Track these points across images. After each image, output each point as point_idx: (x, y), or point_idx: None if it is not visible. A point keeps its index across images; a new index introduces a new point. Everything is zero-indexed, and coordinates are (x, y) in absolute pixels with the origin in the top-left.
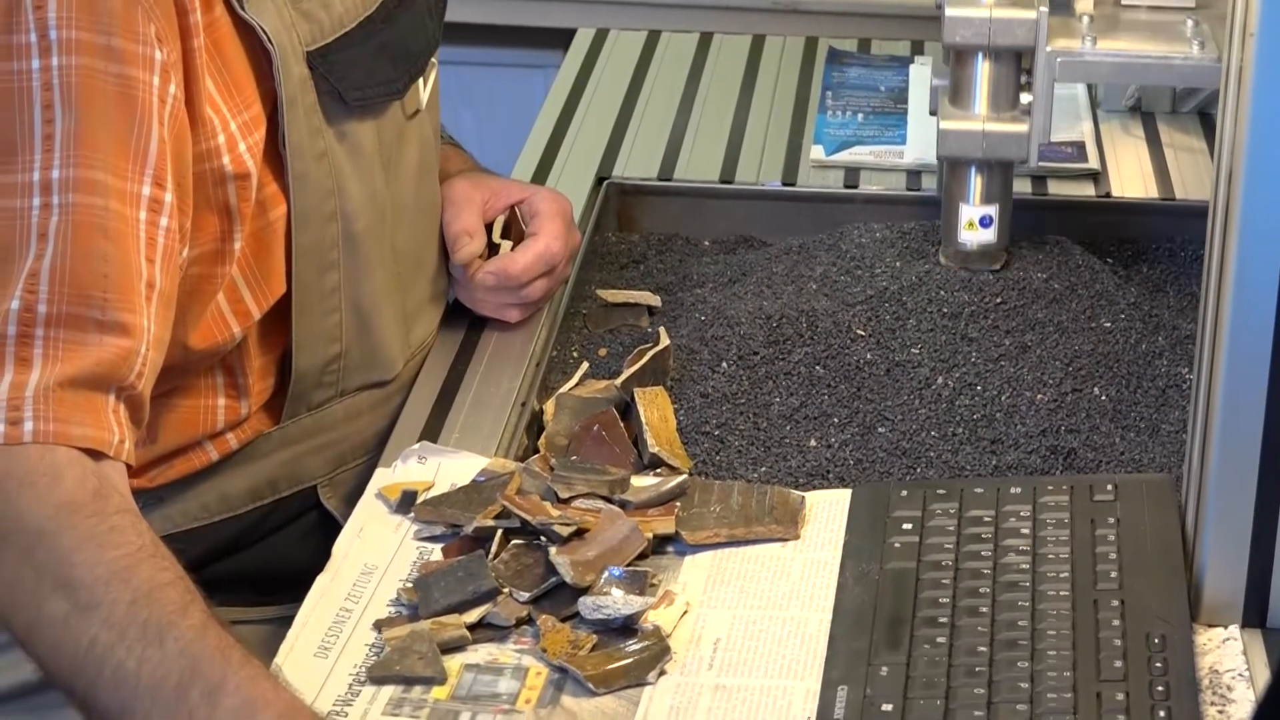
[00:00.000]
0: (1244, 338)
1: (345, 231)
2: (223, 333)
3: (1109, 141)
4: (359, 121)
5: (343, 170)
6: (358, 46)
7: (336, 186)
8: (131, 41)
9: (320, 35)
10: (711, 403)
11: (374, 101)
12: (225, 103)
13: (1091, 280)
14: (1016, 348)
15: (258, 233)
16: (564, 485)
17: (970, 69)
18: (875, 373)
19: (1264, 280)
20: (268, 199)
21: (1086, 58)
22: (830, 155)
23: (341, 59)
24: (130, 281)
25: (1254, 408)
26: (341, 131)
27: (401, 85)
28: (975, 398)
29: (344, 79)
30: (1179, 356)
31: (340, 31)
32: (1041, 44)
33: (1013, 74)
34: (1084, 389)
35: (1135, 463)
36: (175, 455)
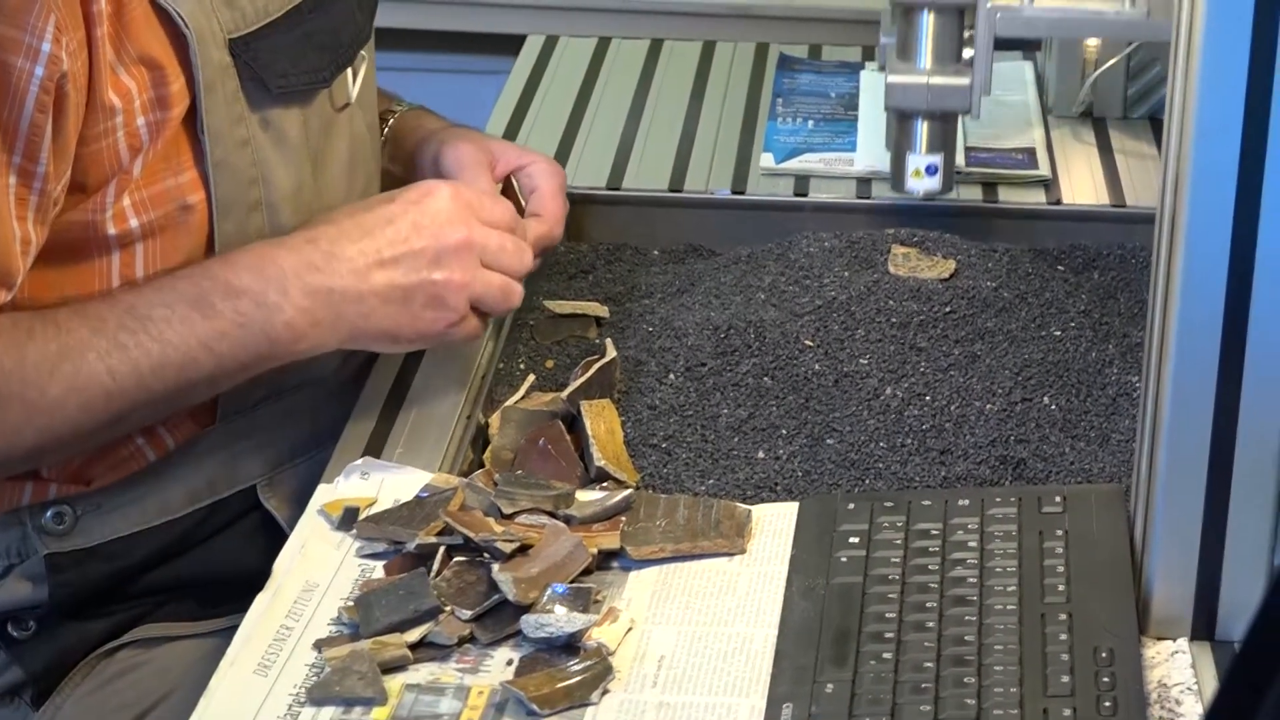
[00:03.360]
0: (1190, 346)
1: (271, 222)
2: None
3: (1060, 148)
4: (284, 110)
5: (267, 159)
6: (283, 34)
7: (260, 175)
8: (17, 31)
9: (244, 22)
10: (659, 415)
11: (299, 90)
12: (136, 85)
13: (1041, 288)
14: (966, 357)
15: (173, 220)
16: (507, 501)
17: (916, 25)
18: (824, 383)
19: (1210, 288)
20: (185, 185)
21: (1025, 14)
22: (780, 163)
23: (265, 46)
24: None
25: (1201, 417)
26: (265, 119)
27: (328, 74)
28: (924, 408)
29: (267, 67)
30: (1129, 365)
31: (265, 19)
32: (983, 1)
33: (956, 30)
34: (1034, 398)
35: (1085, 473)
36: (110, 456)
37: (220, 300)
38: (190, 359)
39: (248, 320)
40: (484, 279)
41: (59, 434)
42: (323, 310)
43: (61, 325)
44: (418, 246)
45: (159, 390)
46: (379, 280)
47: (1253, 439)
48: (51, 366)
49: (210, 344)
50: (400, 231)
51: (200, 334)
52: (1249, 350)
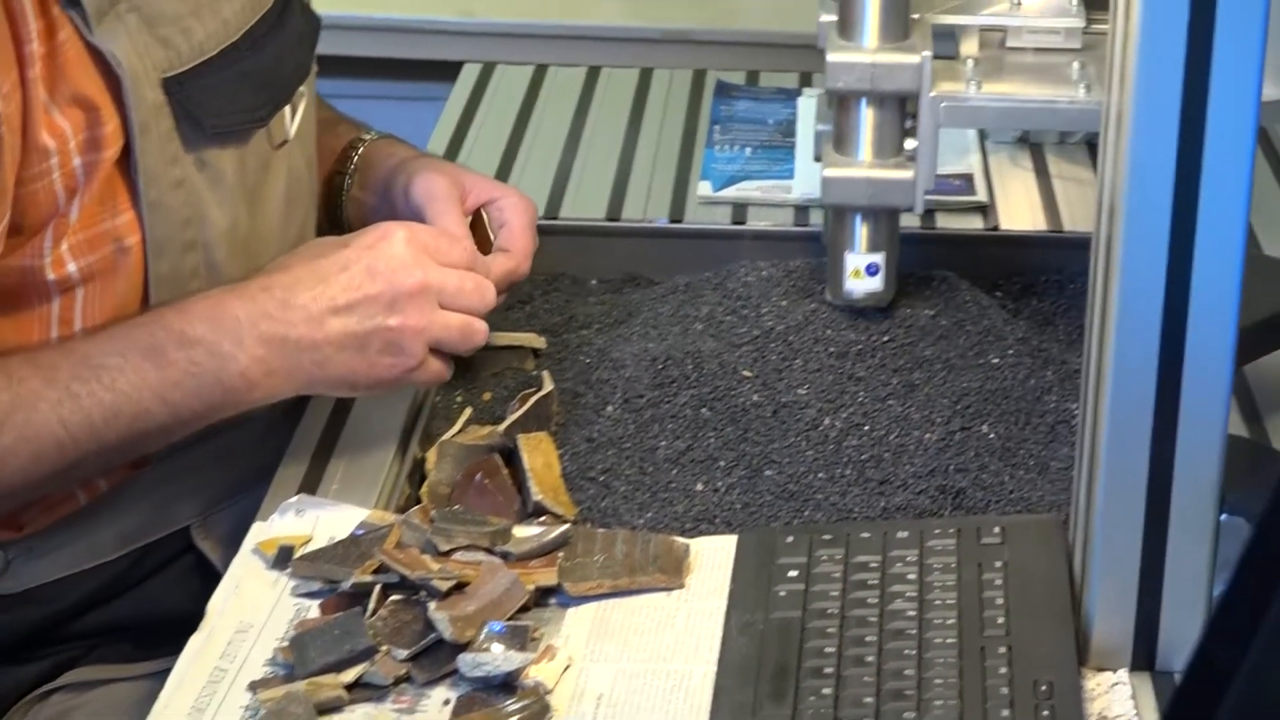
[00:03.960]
0: (1127, 373)
1: (207, 262)
2: None
3: (997, 173)
4: (220, 149)
5: (203, 199)
6: (218, 73)
7: (196, 215)
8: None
9: (178, 61)
10: (597, 447)
11: (235, 129)
12: (70, 126)
13: (979, 316)
14: (904, 386)
15: (110, 263)
16: (444, 537)
17: (853, 115)
18: (762, 414)
19: (1146, 314)
20: (122, 227)
21: (971, 102)
22: (718, 191)
23: (200, 86)
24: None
25: (1138, 445)
26: (201, 159)
27: (265, 114)
28: (863, 438)
29: (202, 106)
30: (1068, 392)
31: (200, 59)
32: (925, 89)
33: (897, 119)
34: (972, 427)
35: (1025, 501)
36: (42, 500)
37: (174, 350)
38: (143, 409)
39: (201, 370)
40: (442, 321)
41: (9, 483)
42: (278, 359)
43: (13, 375)
44: (373, 292)
45: (112, 440)
46: (334, 328)
47: (1191, 467)
48: (2, 416)
49: (163, 394)
50: (355, 278)
51: (153, 383)
52: (1186, 377)
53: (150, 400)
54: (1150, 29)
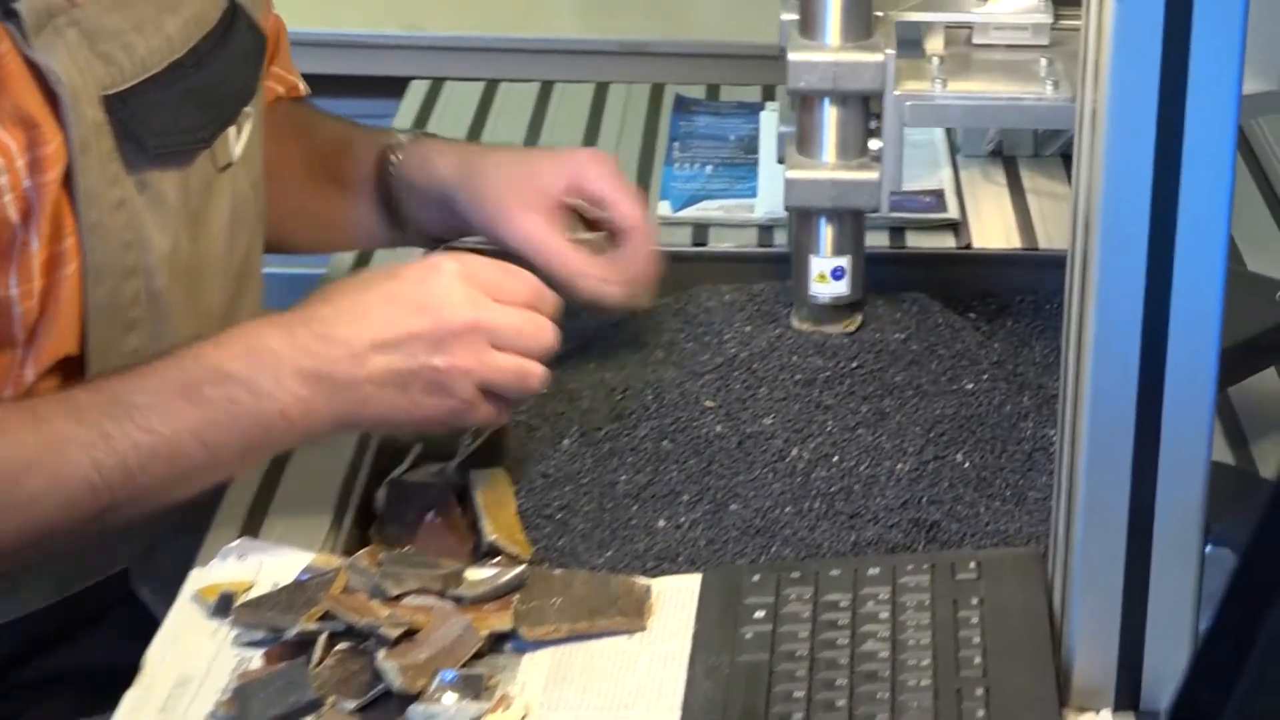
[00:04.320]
0: (1105, 398)
1: (148, 288)
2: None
3: (969, 189)
4: (162, 171)
5: (144, 222)
6: (162, 91)
7: (137, 239)
8: None
9: (120, 78)
10: (553, 483)
11: (178, 149)
12: (16, 146)
13: (952, 339)
14: (874, 415)
15: (55, 291)
16: (393, 581)
17: (816, 115)
18: (726, 446)
19: (1124, 335)
20: (64, 253)
21: (937, 100)
22: (678, 211)
23: (142, 104)
24: None
25: (1119, 473)
26: (143, 181)
27: (209, 133)
28: (832, 469)
29: (145, 125)
30: (1045, 417)
31: (143, 75)
32: (889, 88)
33: (861, 119)
34: (946, 456)
35: (1002, 534)
36: None
37: (210, 387)
38: (181, 450)
39: (240, 409)
40: (493, 363)
41: (38, 531)
42: (318, 397)
43: (40, 415)
44: (418, 329)
45: (147, 484)
46: (376, 365)
47: (1174, 496)
48: (29, 460)
49: (201, 434)
50: (400, 313)
51: (190, 423)
52: (1167, 401)
53: (188, 441)
54: (1124, 34)
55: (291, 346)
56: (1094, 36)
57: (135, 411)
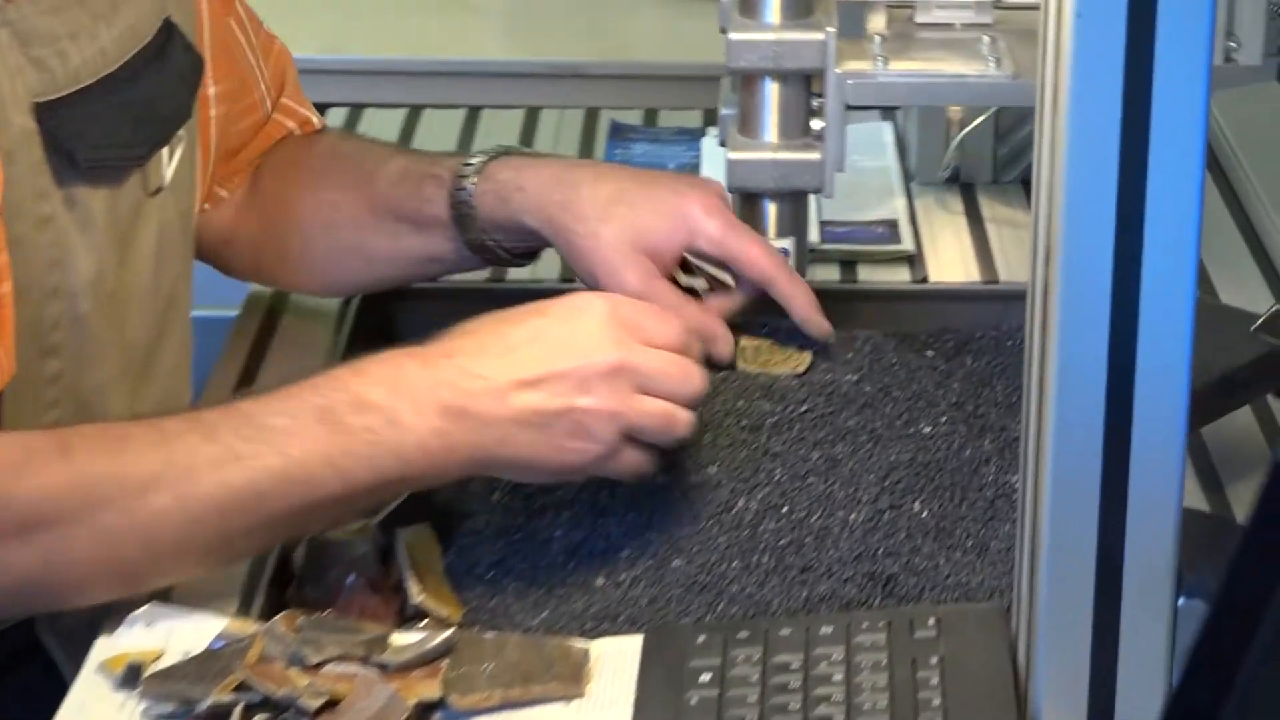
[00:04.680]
0: (1070, 441)
1: (70, 312)
2: None
3: (925, 218)
4: (92, 189)
5: (70, 241)
6: (95, 103)
7: (62, 258)
8: None
9: (52, 87)
10: (484, 540)
11: (110, 165)
12: None
13: (908, 380)
14: (826, 462)
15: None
16: (313, 648)
17: (758, 95)
18: (668, 497)
19: (1089, 373)
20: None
21: (879, 79)
22: None
23: (75, 115)
24: None
25: (1085, 521)
26: (71, 198)
27: (143, 152)
28: (781, 521)
29: (77, 137)
30: (1007, 462)
31: (75, 86)
32: (831, 66)
33: (802, 99)
34: (903, 505)
35: (963, 587)
36: None
37: (349, 414)
38: (315, 478)
39: (378, 439)
40: (639, 407)
41: (163, 553)
42: (458, 432)
43: (166, 431)
44: (563, 368)
45: (277, 510)
46: (518, 403)
47: (1144, 545)
48: (155, 473)
49: (336, 462)
50: (545, 351)
51: (326, 450)
52: (1135, 443)
53: (322, 468)
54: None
55: (433, 379)
56: (1052, 51)
57: (270, 433)
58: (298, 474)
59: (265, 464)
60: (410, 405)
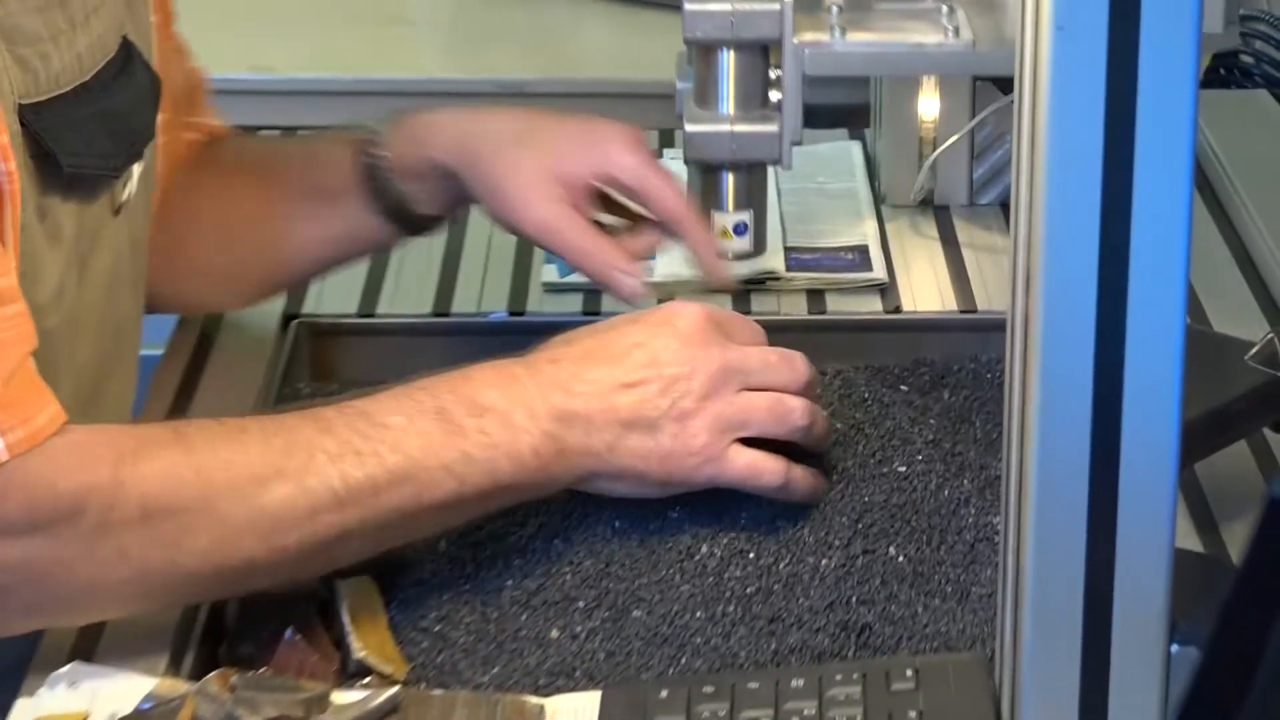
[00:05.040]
0: (1053, 479)
1: (38, 327)
2: None
3: (897, 244)
4: (63, 201)
5: (39, 254)
6: (76, 110)
7: (30, 270)
8: None
9: (35, 89)
10: (430, 591)
11: (89, 174)
12: None
13: (881, 416)
14: (795, 504)
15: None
16: (248, 709)
17: (714, 67)
18: (627, 544)
19: (1073, 407)
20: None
21: (836, 49)
22: (565, 276)
23: (58, 120)
24: None
25: (1071, 565)
26: (43, 208)
27: (120, 163)
28: (748, 567)
29: (60, 141)
30: (988, 503)
31: (57, 90)
32: (788, 36)
33: (760, 70)
34: (877, 549)
35: (943, 636)
36: None
37: (465, 416)
38: (430, 478)
39: (493, 441)
40: (745, 403)
41: (281, 544)
42: (570, 436)
43: (285, 425)
44: (669, 372)
45: (391, 509)
46: (625, 405)
47: (1133, 589)
48: (276, 466)
49: (451, 465)
50: (649, 355)
51: (442, 451)
52: (1123, 480)
53: (438, 470)
54: (1064, 65)
55: (543, 383)
56: (1030, 64)
57: (387, 431)
58: (416, 473)
59: (382, 460)
60: (523, 408)
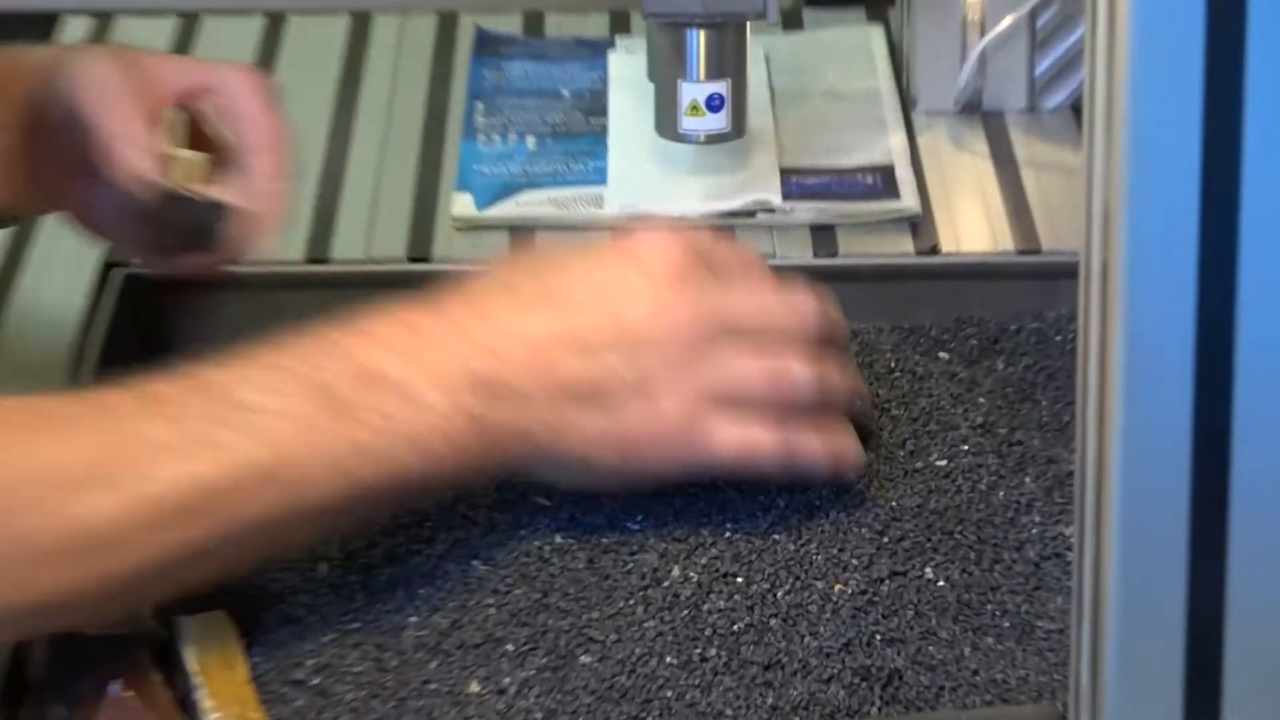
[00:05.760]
0: (1145, 477)
1: None
2: None
3: (933, 163)
4: None
5: None
6: None
7: None
8: None
9: None
10: (306, 631)
11: None
12: None
13: (914, 393)
14: (798, 511)
15: None
16: None
17: None
18: (571, 565)
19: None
20: None
21: None
22: (485, 209)
23: None
24: None
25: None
26: None
27: None
28: (735, 597)
29: None
30: (1057, 508)
31: None
32: None
33: None
34: (909, 570)
35: (997, 686)
36: None
37: (354, 392)
38: (310, 475)
39: (391, 424)
40: (732, 368)
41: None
42: (495, 411)
43: (105, 404)
44: (629, 323)
45: (253, 519)
46: (569, 370)
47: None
48: (98, 460)
49: (338, 457)
50: (605, 303)
51: (323, 439)
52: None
53: (317, 465)
54: None
55: (458, 341)
56: None
57: (253, 415)
58: (289, 472)
59: (247, 455)
60: (432, 377)
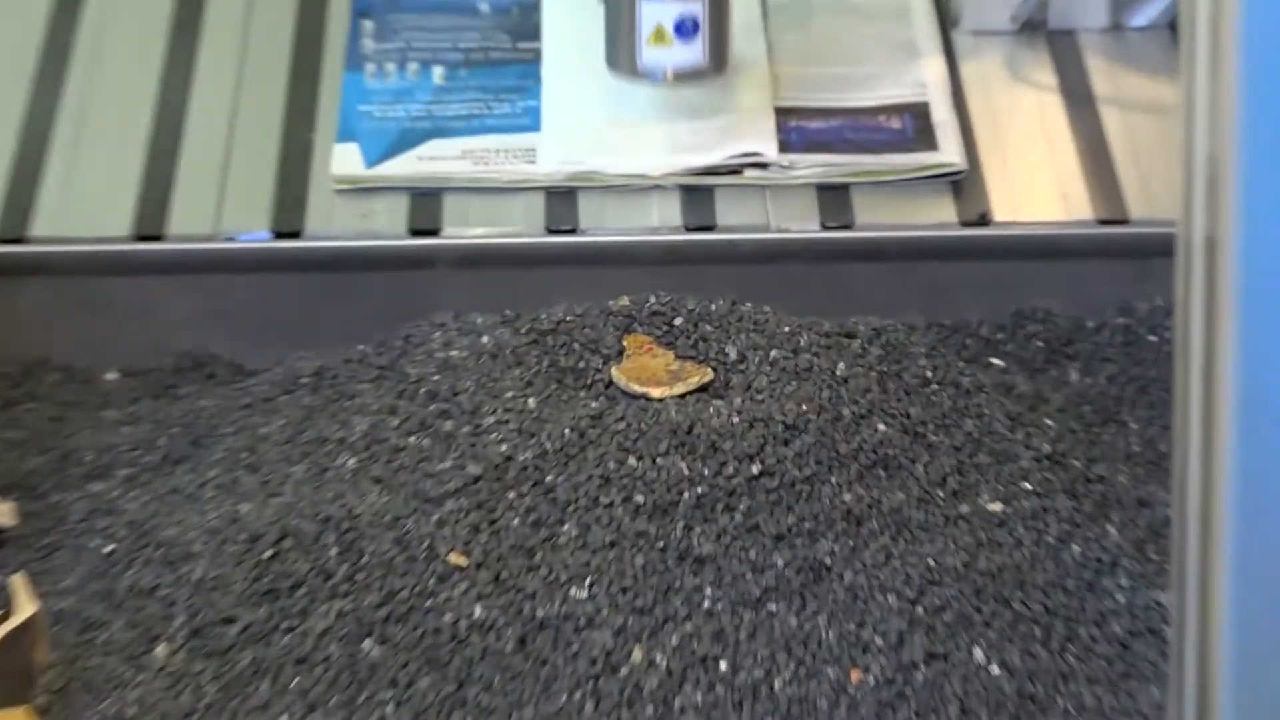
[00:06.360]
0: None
1: None
2: None
3: (982, 101)
4: None
5: None
6: None
7: None
8: None
9: None
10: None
11: None
12: None
13: (957, 412)
14: (801, 570)
15: None
16: None
17: None
18: (495, 647)
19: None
20: None
21: None
22: (375, 165)
23: None
24: None
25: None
26: None
27: None
28: (716, 688)
29: None
30: (1152, 567)
31: None
32: None
33: None
34: (951, 652)
35: None
36: None
37: None
38: None
39: None
40: None
41: None
42: None
43: None
44: None
45: None
46: None
47: None
48: None
49: None
50: None
51: None
52: None
53: None
54: None
55: None
56: None
57: None
58: None
59: None
60: None
